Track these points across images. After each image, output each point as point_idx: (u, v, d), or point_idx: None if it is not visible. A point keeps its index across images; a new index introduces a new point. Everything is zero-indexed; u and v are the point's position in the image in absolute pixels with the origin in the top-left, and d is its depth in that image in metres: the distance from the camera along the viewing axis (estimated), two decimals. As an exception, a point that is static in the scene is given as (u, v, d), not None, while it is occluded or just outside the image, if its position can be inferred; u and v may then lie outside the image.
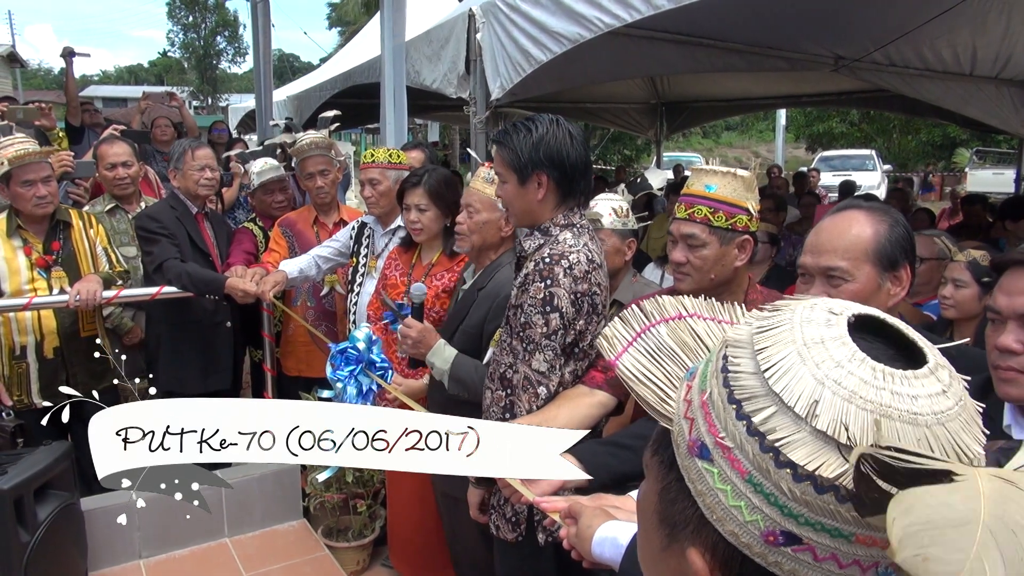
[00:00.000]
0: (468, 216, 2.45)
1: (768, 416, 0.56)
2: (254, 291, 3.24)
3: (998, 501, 0.47)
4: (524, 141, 2.01)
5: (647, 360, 0.77)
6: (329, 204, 3.80)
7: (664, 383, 0.75)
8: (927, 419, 0.53)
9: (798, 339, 0.58)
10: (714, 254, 1.92)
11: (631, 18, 3.58)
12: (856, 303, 0.64)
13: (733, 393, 0.59)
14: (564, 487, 1.65)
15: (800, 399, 0.55)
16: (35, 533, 2.77)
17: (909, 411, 0.53)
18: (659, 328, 0.79)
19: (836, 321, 0.59)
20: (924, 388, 0.55)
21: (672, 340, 0.77)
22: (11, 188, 3.20)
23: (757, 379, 0.58)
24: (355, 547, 3.46)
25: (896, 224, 1.59)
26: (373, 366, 2.24)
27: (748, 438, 0.57)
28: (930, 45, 5.56)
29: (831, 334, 0.58)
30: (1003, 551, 0.45)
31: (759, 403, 0.57)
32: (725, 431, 0.59)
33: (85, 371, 3.41)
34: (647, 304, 0.81)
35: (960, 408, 0.55)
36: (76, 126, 6.24)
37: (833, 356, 0.56)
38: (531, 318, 1.96)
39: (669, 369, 0.75)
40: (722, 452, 0.58)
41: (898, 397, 0.54)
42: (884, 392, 0.54)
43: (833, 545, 0.54)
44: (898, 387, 0.54)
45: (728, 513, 0.58)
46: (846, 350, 0.57)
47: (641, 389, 0.75)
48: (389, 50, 4.31)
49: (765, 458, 0.56)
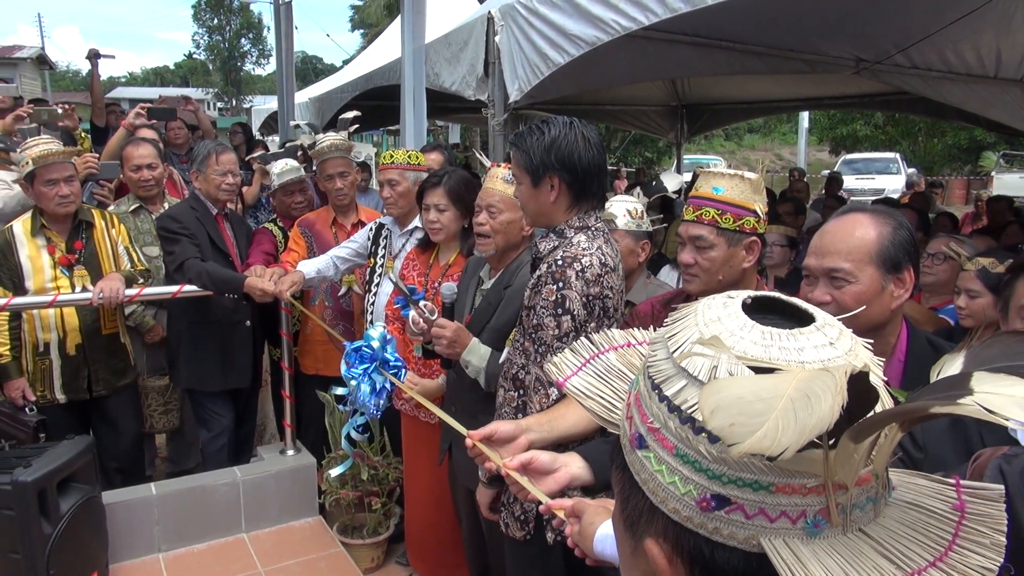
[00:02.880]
0: (491, 217, 2.47)
1: (679, 390, 0.61)
2: (272, 290, 3.29)
3: (806, 380, 0.53)
4: (537, 143, 2.03)
5: (595, 380, 0.85)
6: (348, 205, 3.84)
7: (611, 397, 0.83)
8: (814, 366, 0.58)
9: (700, 321, 0.65)
10: (722, 255, 1.94)
11: (648, 21, 3.59)
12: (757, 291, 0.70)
13: (654, 380, 0.64)
14: (571, 485, 1.67)
15: (702, 368, 0.60)
16: (57, 525, 2.83)
17: (796, 361, 0.59)
18: (608, 355, 0.87)
19: (731, 303, 0.66)
20: (809, 341, 0.61)
21: (620, 363, 0.85)
22: (35, 187, 3.27)
23: (669, 362, 0.64)
24: (370, 544, 3.50)
25: (900, 227, 1.60)
26: (387, 365, 2.27)
27: (669, 415, 0.61)
28: (953, 47, 5.51)
29: (727, 312, 0.65)
30: (798, 414, 0.51)
31: (672, 382, 0.62)
32: (652, 415, 0.64)
33: (106, 368, 3.48)
34: (596, 336, 0.89)
35: (850, 356, 0.61)
36: (101, 127, 6.34)
37: (727, 327, 0.63)
38: (543, 320, 1.98)
39: (616, 386, 0.83)
40: (653, 435, 0.63)
41: (785, 351, 0.60)
42: (772, 348, 0.60)
43: (758, 499, 0.57)
44: (784, 343, 0.61)
45: (667, 491, 0.62)
46: (739, 321, 0.63)
47: (588, 403, 0.83)
48: (409, 53, 4.35)
49: (684, 428, 0.60)
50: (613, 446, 0.75)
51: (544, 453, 1.67)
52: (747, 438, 0.50)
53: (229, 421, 3.82)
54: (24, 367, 3.33)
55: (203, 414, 3.79)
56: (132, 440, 3.70)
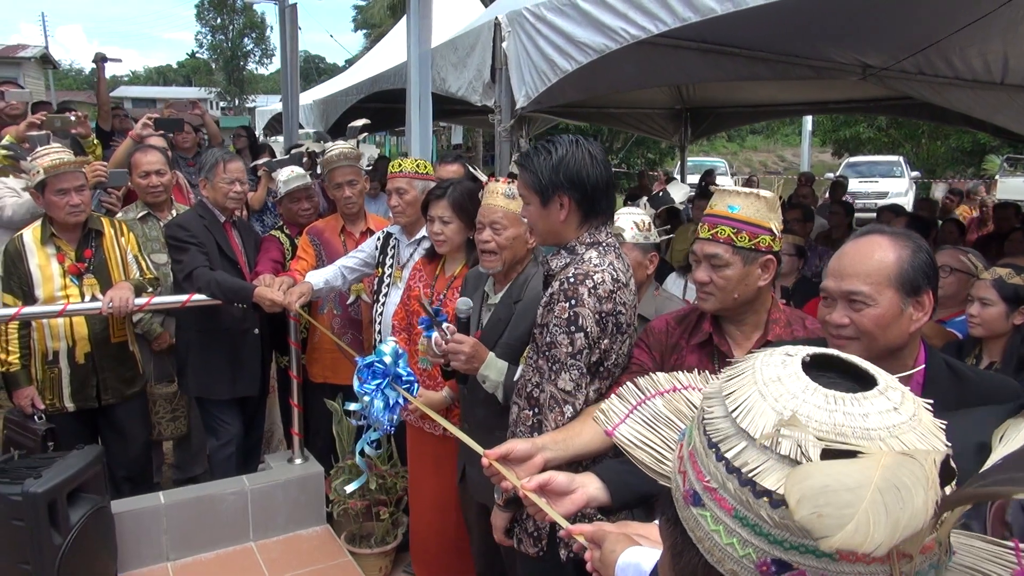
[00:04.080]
0: (496, 234, 2.46)
1: (740, 451, 0.61)
2: (281, 301, 3.29)
3: (892, 468, 0.52)
4: (544, 163, 2.02)
5: (643, 428, 0.85)
6: (356, 214, 3.84)
7: (661, 447, 0.82)
8: (879, 433, 0.58)
9: (758, 380, 0.64)
10: (737, 274, 1.93)
11: (657, 30, 3.59)
12: (815, 346, 0.69)
13: (711, 438, 0.64)
14: (588, 506, 1.67)
15: (764, 431, 0.60)
16: (67, 536, 2.84)
17: (861, 428, 0.58)
18: (655, 400, 0.86)
19: (790, 361, 0.65)
20: (874, 407, 0.60)
21: (668, 410, 0.84)
22: (46, 196, 3.28)
23: (727, 421, 0.63)
24: (377, 554, 3.50)
25: (919, 250, 1.59)
26: (399, 380, 2.27)
27: (728, 476, 0.61)
28: (960, 54, 5.50)
29: (786, 372, 0.64)
30: (888, 506, 0.50)
31: (731, 442, 0.62)
32: (709, 474, 0.63)
33: (115, 376, 3.48)
34: (642, 381, 0.88)
35: (914, 422, 0.60)
36: (107, 130, 6.34)
37: (789, 390, 0.62)
38: (556, 337, 1.98)
39: (665, 434, 0.82)
40: (710, 495, 0.63)
41: (850, 416, 0.59)
42: (837, 414, 0.59)
43: (820, 566, 0.57)
44: (849, 408, 0.60)
45: (725, 552, 0.61)
46: (800, 383, 0.62)
47: (638, 453, 0.82)
48: (415, 57, 4.34)
49: (744, 491, 0.60)
50: (662, 498, 0.74)
51: (561, 474, 1.66)
52: (837, 532, 0.49)
53: (237, 429, 3.82)
54: (33, 375, 3.33)
55: (212, 422, 3.79)
56: (140, 448, 3.70)
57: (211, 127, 6.69)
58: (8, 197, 3.89)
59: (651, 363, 2.10)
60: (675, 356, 2.09)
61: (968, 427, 0.88)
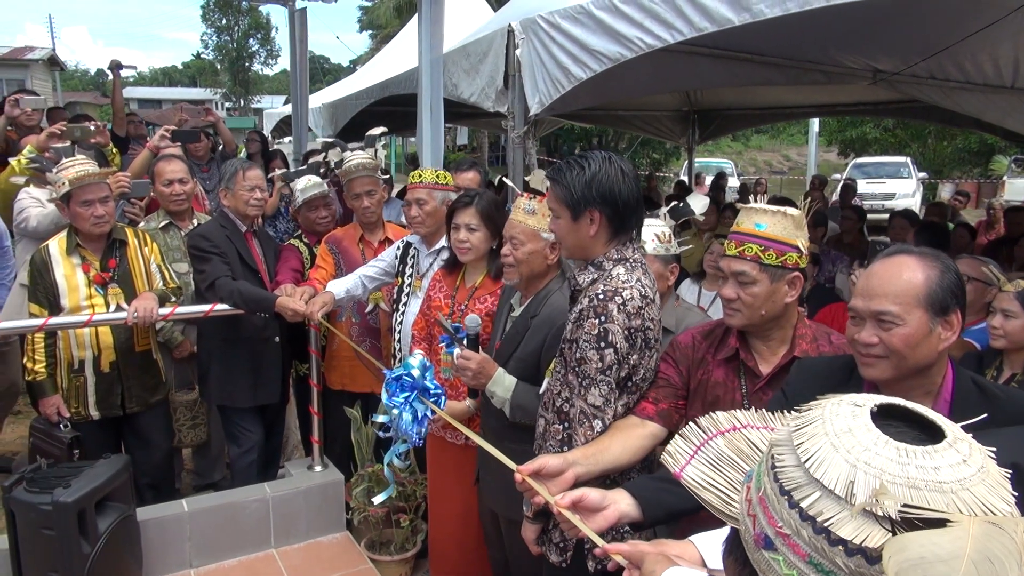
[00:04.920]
0: (514, 248, 2.50)
1: (814, 501, 0.64)
2: (303, 311, 3.33)
3: (982, 538, 0.55)
4: (577, 178, 2.05)
5: (709, 469, 0.88)
6: (375, 223, 3.87)
7: (727, 488, 0.86)
8: (951, 486, 0.61)
9: (829, 431, 0.67)
10: (764, 291, 1.96)
11: (673, 39, 3.60)
12: (878, 395, 0.72)
13: (783, 486, 0.67)
14: (620, 522, 1.70)
15: (839, 482, 0.63)
16: (96, 544, 2.88)
17: (934, 481, 0.61)
18: (717, 440, 0.90)
19: (860, 412, 0.68)
20: (945, 459, 0.63)
21: (730, 449, 0.88)
22: (71, 207, 3.32)
23: (800, 470, 0.66)
24: (397, 560, 3.54)
25: (947, 270, 1.62)
26: (427, 392, 2.30)
27: (802, 523, 0.64)
28: (971, 58, 5.51)
29: (857, 424, 0.67)
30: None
31: (805, 491, 0.65)
32: (782, 520, 0.66)
33: (139, 384, 3.52)
34: (703, 420, 0.93)
35: (983, 473, 0.63)
36: (122, 137, 6.40)
37: (861, 442, 0.65)
38: (586, 353, 2.01)
39: (730, 475, 0.85)
40: (783, 540, 0.66)
41: (922, 470, 0.62)
42: (909, 467, 0.62)
43: None
44: (921, 461, 0.63)
45: None
46: (872, 435, 0.65)
47: (706, 495, 0.85)
48: (427, 62, 4.33)
49: (819, 539, 0.63)
50: (729, 537, 0.77)
51: (594, 491, 1.69)
52: None
53: (259, 436, 3.86)
54: (59, 384, 3.38)
55: (233, 430, 3.84)
56: (163, 455, 3.75)
57: (224, 133, 6.74)
58: (32, 208, 3.94)
59: (677, 377, 2.13)
60: (701, 371, 2.12)
61: (1000, 447, 0.91)
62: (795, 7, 3.21)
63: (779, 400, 1.77)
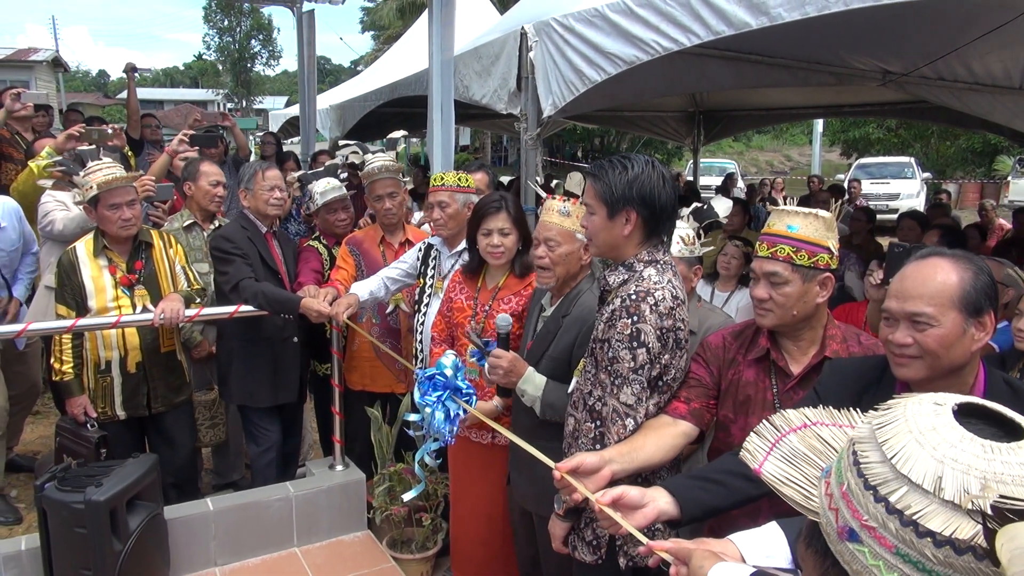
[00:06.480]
0: (550, 250, 2.52)
1: (902, 495, 0.67)
2: (328, 312, 3.36)
3: None
4: (619, 177, 2.09)
5: (786, 464, 0.92)
6: (396, 224, 3.91)
7: (805, 483, 0.89)
8: None
9: (913, 429, 0.70)
10: (796, 291, 2.00)
11: (690, 42, 3.62)
12: (956, 394, 0.76)
13: (868, 480, 0.70)
14: (658, 520, 1.74)
15: (926, 477, 0.66)
16: (127, 542, 2.92)
17: (1020, 475, 0.64)
18: (790, 437, 0.94)
19: (942, 411, 0.72)
20: None
21: (803, 446, 0.92)
22: (98, 210, 3.36)
23: (886, 466, 0.69)
24: (419, 559, 3.57)
25: (981, 272, 1.66)
26: (459, 392, 2.34)
27: (888, 516, 0.68)
28: (980, 60, 5.55)
29: (940, 422, 0.70)
30: None
31: (892, 486, 0.68)
32: (867, 514, 0.70)
33: (164, 384, 3.57)
34: (776, 418, 0.97)
35: None
36: (136, 139, 6.44)
37: (946, 439, 0.69)
38: (618, 353, 2.04)
39: (806, 471, 0.90)
40: (868, 532, 0.69)
41: (1007, 465, 0.65)
42: (995, 462, 0.66)
43: None
44: (1005, 456, 0.66)
45: None
46: (956, 432, 0.69)
47: (787, 490, 0.89)
48: (437, 64, 4.33)
49: (907, 531, 0.66)
50: (807, 529, 0.81)
51: (633, 489, 1.73)
52: None
53: (278, 436, 3.90)
54: (86, 384, 3.42)
55: (253, 430, 3.87)
56: (187, 455, 3.79)
57: (239, 137, 6.77)
58: (58, 211, 3.98)
59: (708, 378, 2.17)
60: (732, 371, 2.16)
61: None
62: (813, 11, 3.24)
63: (811, 399, 1.81)
